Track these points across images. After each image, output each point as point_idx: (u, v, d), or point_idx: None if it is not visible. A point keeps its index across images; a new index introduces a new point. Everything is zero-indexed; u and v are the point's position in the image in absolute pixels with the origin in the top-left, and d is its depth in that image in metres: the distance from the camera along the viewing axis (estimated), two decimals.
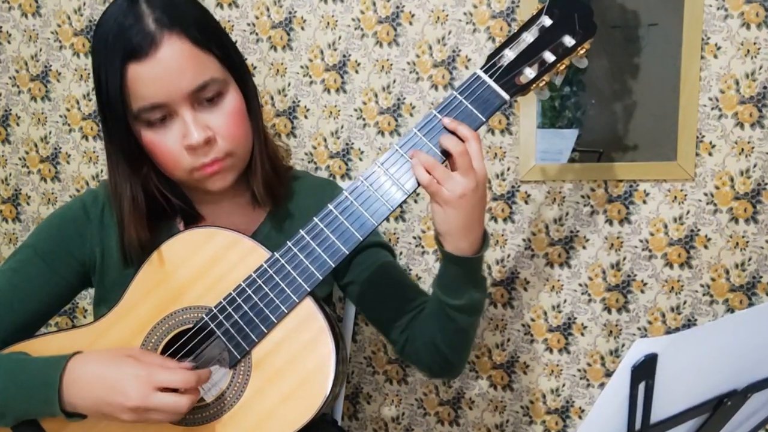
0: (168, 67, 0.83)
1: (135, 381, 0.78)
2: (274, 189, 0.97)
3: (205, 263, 0.87)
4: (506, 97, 0.85)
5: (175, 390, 0.79)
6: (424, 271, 1.33)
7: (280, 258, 0.84)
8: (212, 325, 0.85)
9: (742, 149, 1.16)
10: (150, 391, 0.78)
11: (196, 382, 0.80)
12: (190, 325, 0.86)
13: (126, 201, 0.90)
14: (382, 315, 1.00)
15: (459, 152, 0.82)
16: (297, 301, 0.83)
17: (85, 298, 1.48)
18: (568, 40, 0.86)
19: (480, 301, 0.91)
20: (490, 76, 0.85)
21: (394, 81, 1.27)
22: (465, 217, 0.83)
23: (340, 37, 1.28)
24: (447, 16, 1.23)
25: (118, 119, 0.86)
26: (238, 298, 0.84)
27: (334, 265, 0.84)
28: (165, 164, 0.89)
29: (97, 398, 0.80)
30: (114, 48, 0.83)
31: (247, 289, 0.84)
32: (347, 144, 1.31)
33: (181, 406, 0.79)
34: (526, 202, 1.27)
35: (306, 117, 1.32)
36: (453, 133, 0.83)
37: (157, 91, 0.83)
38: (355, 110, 1.30)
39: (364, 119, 1.30)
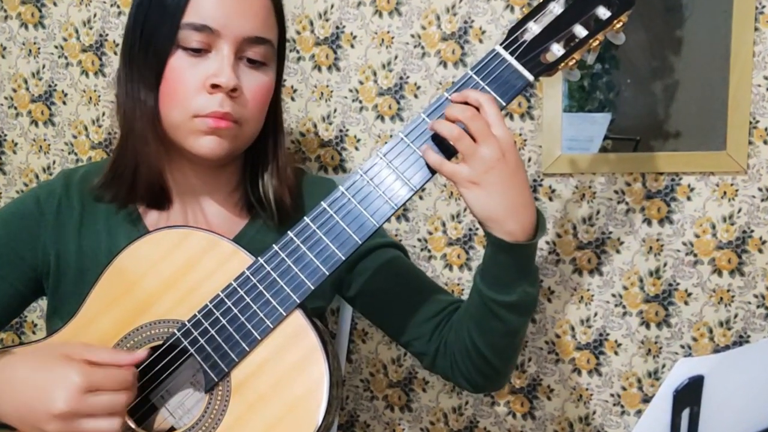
0: (243, 1, 0.90)
1: (63, 383, 0.77)
2: (284, 199, 0.98)
3: (177, 269, 0.87)
4: (530, 77, 0.85)
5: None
6: (432, 278, 1.32)
7: (264, 264, 0.84)
8: (185, 342, 0.85)
9: None
10: (80, 394, 0.77)
11: (134, 377, 0.81)
12: (160, 342, 0.86)
13: (147, 116, 0.91)
14: (403, 326, 1.00)
15: (469, 117, 0.81)
16: (284, 314, 0.83)
17: (35, 311, 1.48)
18: (603, 12, 0.86)
19: (534, 298, 0.90)
20: (511, 54, 0.86)
21: (396, 57, 1.27)
22: (502, 195, 0.82)
23: (332, 6, 1.28)
24: None
25: (168, 31, 0.89)
26: (215, 311, 0.84)
27: (328, 273, 0.83)
28: (174, 96, 0.90)
29: (21, 405, 0.79)
30: None
31: (226, 300, 0.84)
32: (341, 130, 1.31)
33: (118, 405, 0.78)
34: (551, 199, 1.27)
35: (293, 99, 1.32)
36: (464, 103, 0.83)
37: (219, 16, 0.88)
38: (351, 91, 1.30)
39: (360, 101, 1.30)
